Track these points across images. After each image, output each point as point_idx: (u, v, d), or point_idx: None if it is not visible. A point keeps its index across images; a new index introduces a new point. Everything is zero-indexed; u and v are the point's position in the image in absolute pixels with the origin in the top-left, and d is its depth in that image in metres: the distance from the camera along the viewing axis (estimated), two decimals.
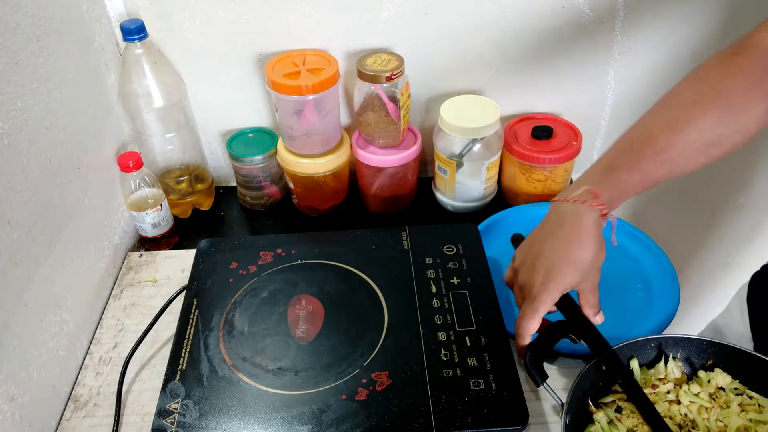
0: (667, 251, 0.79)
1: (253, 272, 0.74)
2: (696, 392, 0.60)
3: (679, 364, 0.63)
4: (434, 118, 0.88)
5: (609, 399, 0.60)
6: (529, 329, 0.59)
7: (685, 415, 0.58)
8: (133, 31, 0.77)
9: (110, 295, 0.81)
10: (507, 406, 0.58)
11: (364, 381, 0.61)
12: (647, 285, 0.77)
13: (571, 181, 0.99)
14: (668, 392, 0.60)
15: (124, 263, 0.85)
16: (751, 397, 0.60)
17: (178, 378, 0.62)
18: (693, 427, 0.57)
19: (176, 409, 0.59)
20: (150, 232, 0.86)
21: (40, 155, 0.65)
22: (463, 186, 0.90)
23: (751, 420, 0.57)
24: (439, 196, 0.95)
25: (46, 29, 0.67)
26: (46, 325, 0.66)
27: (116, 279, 0.83)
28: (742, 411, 0.58)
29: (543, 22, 0.85)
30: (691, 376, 0.63)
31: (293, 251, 0.76)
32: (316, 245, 0.77)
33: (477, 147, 0.85)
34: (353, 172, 0.94)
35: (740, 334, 0.74)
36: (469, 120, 0.83)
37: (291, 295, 0.70)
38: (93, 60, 0.78)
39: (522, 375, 0.62)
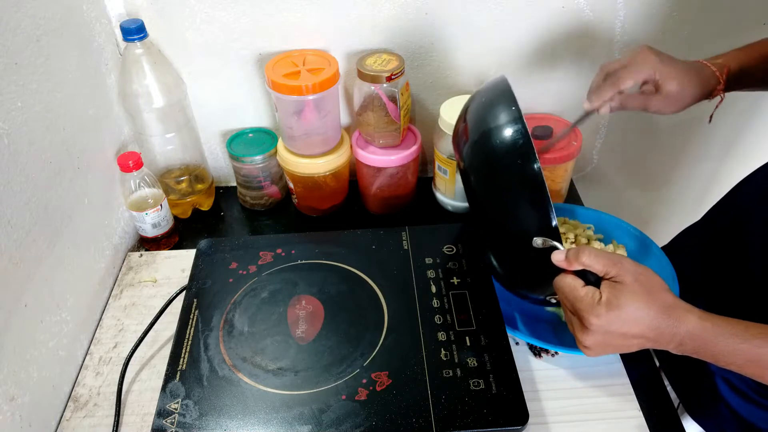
0: None
1: (253, 272, 0.74)
2: None
3: None
4: (434, 118, 0.88)
5: None
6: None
7: None
8: (133, 31, 0.77)
9: (110, 295, 0.81)
10: (507, 406, 0.58)
11: (364, 381, 0.61)
12: None
13: (572, 181, 0.99)
14: None
15: (124, 263, 0.85)
16: None
17: (178, 378, 0.62)
18: None
19: (176, 409, 0.59)
20: (150, 232, 0.86)
21: (40, 155, 0.65)
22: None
23: None
24: (439, 196, 0.95)
25: (46, 29, 0.67)
26: (46, 325, 0.66)
27: (116, 279, 0.83)
28: None
29: (543, 22, 0.85)
30: None
31: (293, 251, 0.76)
32: (316, 245, 0.77)
33: None
34: (353, 172, 0.94)
35: None
36: None
37: (291, 295, 0.70)
38: (93, 60, 0.78)
39: (522, 375, 0.62)
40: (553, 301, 0.64)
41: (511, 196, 0.59)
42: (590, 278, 0.55)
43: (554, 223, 0.56)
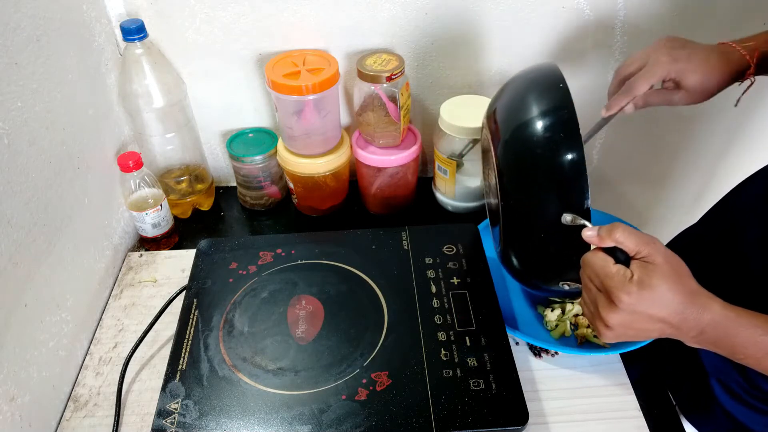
0: None
1: (253, 272, 0.74)
2: None
3: None
4: (434, 118, 0.88)
5: None
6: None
7: None
8: (133, 31, 0.77)
9: (110, 295, 0.81)
10: (507, 406, 0.58)
11: (364, 381, 0.61)
12: None
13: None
14: None
15: (124, 263, 0.85)
16: None
17: (178, 378, 0.62)
18: None
19: (176, 409, 0.59)
20: (150, 232, 0.86)
21: (40, 155, 0.65)
22: (463, 186, 0.90)
23: None
24: (439, 196, 0.95)
25: (46, 29, 0.67)
26: (46, 325, 0.66)
27: (116, 279, 0.83)
28: None
29: (543, 21, 0.85)
30: None
31: (293, 251, 0.76)
32: (316, 245, 0.77)
33: (477, 147, 0.85)
34: (353, 172, 0.94)
35: None
36: (469, 120, 0.83)
37: (291, 295, 0.70)
38: (93, 60, 0.78)
39: (522, 375, 0.62)
40: (566, 287, 0.62)
41: (550, 170, 0.59)
42: (619, 257, 0.54)
43: (588, 203, 0.56)
